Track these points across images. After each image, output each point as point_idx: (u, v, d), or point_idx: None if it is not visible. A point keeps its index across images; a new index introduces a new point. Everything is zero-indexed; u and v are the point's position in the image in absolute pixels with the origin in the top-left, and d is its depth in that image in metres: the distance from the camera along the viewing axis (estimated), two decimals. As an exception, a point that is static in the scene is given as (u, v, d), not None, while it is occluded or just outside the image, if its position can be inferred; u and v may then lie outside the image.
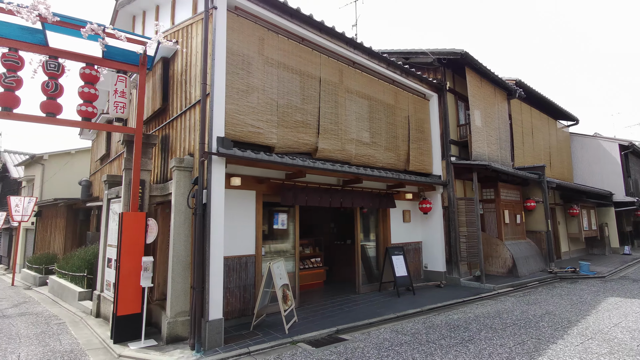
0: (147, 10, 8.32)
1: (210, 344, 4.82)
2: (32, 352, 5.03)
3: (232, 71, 5.67)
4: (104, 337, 5.65)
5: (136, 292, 5.49)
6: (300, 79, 6.86)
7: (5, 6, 4.59)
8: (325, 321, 6.03)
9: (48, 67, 5.33)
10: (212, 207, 5.06)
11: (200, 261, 4.98)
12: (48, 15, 4.73)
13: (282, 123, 6.40)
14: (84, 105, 5.59)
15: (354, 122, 7.83)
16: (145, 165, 6.08)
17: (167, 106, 6.88)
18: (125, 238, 5.50)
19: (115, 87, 5.88)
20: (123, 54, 5.87)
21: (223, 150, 5.16)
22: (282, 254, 7.14)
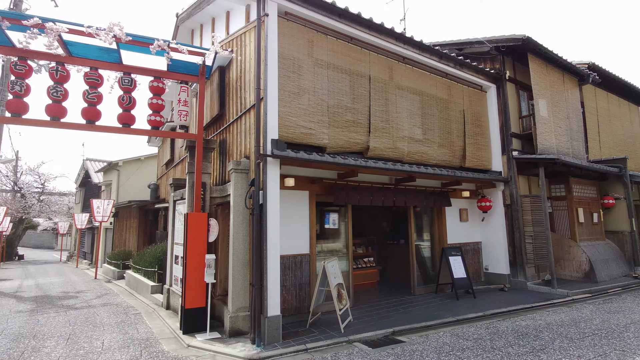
0: (203, 23, 8.87)
1: (269, 339, 5.00)
2: (114, 339, 5.61)
3: (283, 75, 5.83)
4: (174, 327, 6.13)
5: (201, 287, 5.87)
6: (350, 79, 6.84)
7: (86, 30, 5.17)
8: (380, 322, 5.95)
9: (123, 83, 5.91)
10: (268, 207, 5.25)
11: (258, 259, 5.19)
12: (122, 35, 5.25)
13: (333, 123, 6.44)
14: (153, 115, 6.11)
15: (405, 119, 7.63)
16: (205, 168, 6.48)
17: (224, 112, 7.28)
18: (190, 237, 5.92)
19: (178, 97, 6.36)
20: (185, 66, 6.33)
21: (277, 152, 5.32)
22: (334, 253, 7.18)
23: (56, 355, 4.91)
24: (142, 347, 5.17)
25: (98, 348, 5.17)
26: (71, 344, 5.39)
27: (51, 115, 5.49)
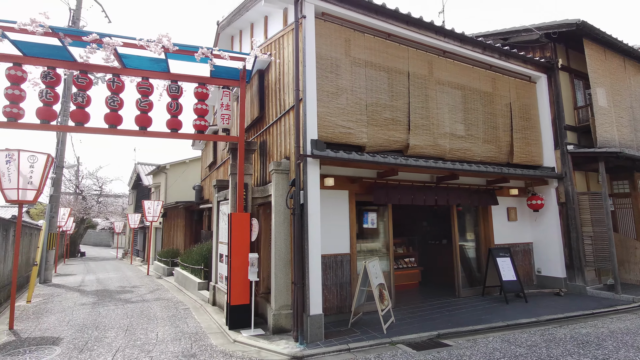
0: (243, 29, 9.15)
1: (312, 338, 5.05)
2: (167, 332, 5.95)
3: (321, 75, 5.86)
4: (221, 323, 6.38)
5: (245, 285, 6.06)
6: (388, 76, 6.73)
7: (138, 42, 5.53)
8: (424, 324, 5.80)
9: (171, 90, 6.26)
10: (309, 207, 5.30)
11: (300, 259, 5.26)
12: (170, 45, 5.57)
13: (372, 122, 6.37)
14: (198, 120, 6.42)
15: (446, 115, 7.36)
16: (247, 169, 6.69)
17: (264, 114, 7.46)
18: (234, 236, 6.13)
19: (221, 101, 6.62)
20: (226, 71, 6.57)
21: (317, 152, 5.36)
22: (374, 253, 7.10)
23: (116, 345, 5.30)
24: (192, 341, 5.44)
25: (153, 340, 5.52)
26: (129, 335, 5.80)
27: (109, 123, 5.94)
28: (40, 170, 6.65)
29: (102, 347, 5.20)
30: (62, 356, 4.87)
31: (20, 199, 6.49)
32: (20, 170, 6.40)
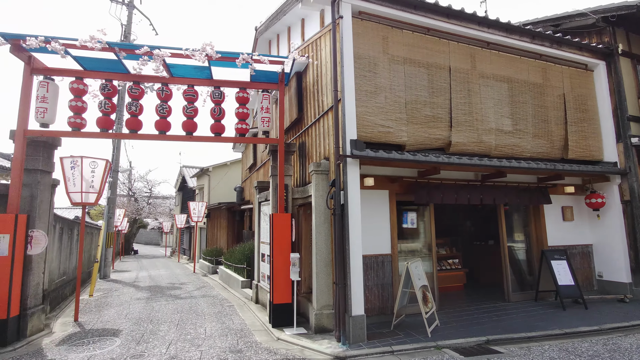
0: (280, 33, 9.33)
1: (354, 338, 5.03)
2: (214, 328, 6.21)
3: (359, 74, 5.82)
4: (264, 320, 6.55)
5: (287, 284, 6.17)
6: (428, 72, 6.54)
7: (184, 52, 5.83)
8: (471, 328, 5.56)
9: (214, 96, 6.53)
10: (349, 207, 5.28)
11: (341, 259, 5.26)
12: (213, 53, 5.81)
13: (411, 120, 6.22)
14: (239, 123, 6.64)
15: (491, 110, 7.01)
16: (287, 171, 6.80)
17: (302, 116, 7.55)
18: (275, 236, 6.27)
19: (261, 104, 6.80)
20: (265, 75, 6.73)
21: (356, 152, 5.34)
22: (415, 253, 6.93)
23: (169, 338, 5.62)
24: (238, 337, 5.64)
25: (202, 334, 5.79)
26: (180, 329, 6.13)
27: (159, 130, 6.32)
28: (100, 175, 7.22)
29: (156, 340, 5.54)
30: (121, 347, 5.25)
31: (84, 202, 7.09)
32: (83, 175, 6.98)
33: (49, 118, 5.90)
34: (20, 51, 5.69)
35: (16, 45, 5.54)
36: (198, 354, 4.91)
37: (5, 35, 5.40)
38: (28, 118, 5.80)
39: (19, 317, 5.55)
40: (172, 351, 5.03)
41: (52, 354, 5.01)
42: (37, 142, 5.97)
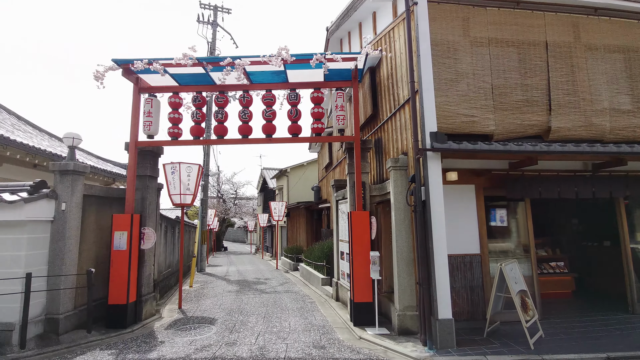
0: (351, 30, 9.28)
1: (442, 344, 4.72)
2: (298, 322, 6.42)
3: (438, 62, 5.45)
4: (345, 318, 6.56)
5: (367, 283, 6.08)
6: (518, 51, 5.82)
7: (262, 59, 6.14)
8: (585, 343, 4.79)
9: (290, 98, 6.76)
10: (432, 203, 4.97)
11: (424, 258, 4.98)
12: (288, 57, 6.01)
13: (500, 106, 5.61)
14: (315, 123, 6.76)
15: (603, 87, 5.95)
16: (364, 168, 6.71)
17: (377, 111, 7.38)
18: (354, 234, 6.22)
19: (335, 103, 6.82)
20: (339, 73, 6.74)
21: (437, 145, 5.00)
22: (508, 254, 6.22)
23: (257, 329, 5.98)
24: (320, 333, 5.73)
25: (286, 328, 6.02)
26: (267, 321, 6.47)
27: (242, 134, 6.77)
28: (195, 178, 8.03)
29: (246, 330, 5.93)
30: (217, 334, 5.74)
31: (182, 202, 7.96)
32: (181, 179, 7.84)
33: (154, 130, 6.76)
34: (130, 74, 6.61)
35: (126, 69, 6.45)
36: (284, 346, 5.11)
37: (117, 61, 6.32)
38: (138, 131, 6.71)
39: (136, 303, 6.45)
40: (261, 342, 5.32)
41: (162, 336, 5.70)
42: (145, 151, 6.87)
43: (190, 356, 4.77)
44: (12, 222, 5.13)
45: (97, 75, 6.03)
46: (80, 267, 5.90)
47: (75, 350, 5.06)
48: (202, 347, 5.14)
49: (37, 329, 5.28)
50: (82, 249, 5.99)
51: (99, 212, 6.44)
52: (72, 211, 5.74)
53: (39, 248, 5.43)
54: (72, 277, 5.70)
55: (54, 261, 5.56)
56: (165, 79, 6.75)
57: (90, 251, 6.23)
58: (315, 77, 6.85)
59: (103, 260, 6.38)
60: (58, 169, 5.73)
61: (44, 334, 5.34)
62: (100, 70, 6.05)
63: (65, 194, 5.69)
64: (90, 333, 5.65)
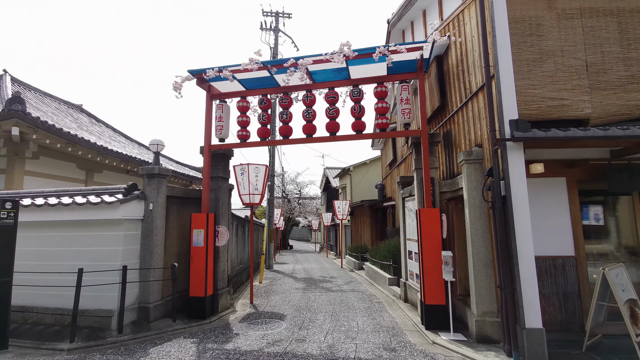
0: (414, 19, 8.85)
1: (530, 356, 4.21)
2: (366, 323, 6.29)
3: (517, 42, 4.89)
4: (415, 321, 6.26)
5: (439, 284, 5.72)
6: (618, 20, 4.99)
7: (324, 57, 6.12)
8: None
9: (353, 95, 6.66)
10: (514, 199, 4.48)
11: (505, 260, 4.51)
12: (350, 53, 5.91)
13: (597, 85, 4.85)
14: (379, 119, 6.56)
15: None
16: (432, 163, 6.33)
17: (445, 102, 6.92)
18: (424, 233, 5.90)
19: (400, 96, 6.54)
20: (403, 66, 6.44)
21: (519, 134, 4.49)
22: (609, 257, 5.35)
23: (326, 327, 5.98)
24: (390, 335, 5.54)
25: (355, 328, 5.93)
26: (334, 320, 6.45)
27: (306, 133, 6.84)
28: (262, 179, 8.35)
29: (315, 328, 5.97)
30: (287, 330, 5.87)
31: (251, 202, 8.33)
32: (250, 179, 8.21)
33: (224, 133, 7.17)
34: (202, 82, 7.08)
35: (199, 78, 6.92)
36: (353, 346, 5.03)
37: (192, 71, 6.81)
38: (211, 135, 7.17)
39: (213, 296, 6.89)
40: (330, 340, 5.31)
41: (237, 328, 6.00)
42: (217, 154, 7.32)
43: (262, 350, 4.94)
44: (111, 220, 5.82)
45: (176, 86, 6.56)
46: (165, 262, 6.48)
47: (163, 337, 5.56)
48: (273, 341, 5.29)
49: (132, 316, 5.92)
50: (166, 245, 6.57)
51: (179, 212, 7.01)
52: (158, 210, 6.33)
53: (132, 244, 6.08)
54: (159, 270, 6.29)
55: (144, 255, 6.18)
56: (234, 84, 7.11)
57: (172, 247, 6.81)
58: (378, 71, 6.66)
59: (183, 256, 6.93)
60: (146, 173, 6.36)
61: (136, 320, 5.97)
62: (178, 81, 6.58)
63: (152, 195, 6.30)
64: (175, 322, 6.18)
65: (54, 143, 9.24)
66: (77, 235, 5.95)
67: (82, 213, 5.85)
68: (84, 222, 5.91)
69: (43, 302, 5.83)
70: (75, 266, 5.75)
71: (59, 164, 10.71)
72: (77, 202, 5.75)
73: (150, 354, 4.80)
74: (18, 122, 8.03)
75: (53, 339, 5.26)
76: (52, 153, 10.20)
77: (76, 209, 5.85)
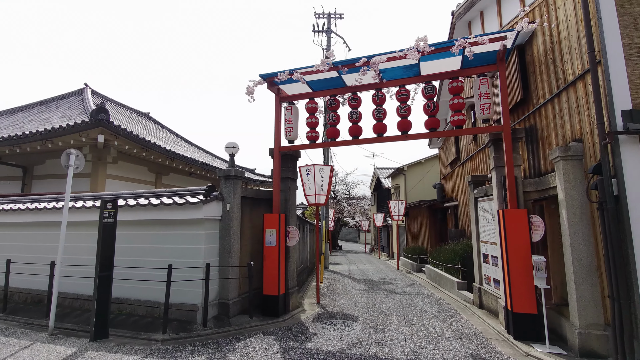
0: (484, 8, 8.35)
1: (655, 376, 3.74)
2: (444, 328, 6.01)
3: (627, 23, 4.38)
4: (498, 329, 5.86)
5: (528, 291, 5.31)
6: None
7: (397, 54, 5.95)
8: None
9: (426, 91, 6.42)
10: (629, 199, 4.01)
11: (620, 266, 4.04)
12: (425, 48, 5.69)
13: None
14: (455, 115, 6.25)
15: None
16: (516, 161, 5.90)
17: (528, 95, 6.43)
18: (509, 236, 5.50)
19: (479, 90, 6.17)
20: (479, 58, 6.08)
21: (634, 126, 4.00)
22: None
23: (402, 331, 5.81)
24: (475, 343, 5.23)
25: (434, 333, 5.69)
26: (409, 324, 6.25)
27: (377, 132, 6.71)
28: (327, 179, 8.37)
29: (391, 331, 5.82)
30: (363, 332, 5.79)
31: (317, 202, 8.38)
32: (315, 180, 8.26)
33: (294, 135, 7.27)
34: (272, 86, 7.25)
35: (270, 81, 7.10)
36: (438, 353, 4.81)
37: (263, 75, 7.00)
38: (280, 137, 7.32)
39: (285, 295, 7.02)
40: (411, 345, 5.14)
41: (312, 328, 6.04)
42: (286, 155, 7.45)
43: (344, 351, 4.90)
44: (194, 220, 6.15)
45: (249, 90, 6.78)
46: (240, 260, 6.72)
47: (243, 332, 5.75)
48: (353, 343, 5.23)
49: (213, 311, 6.20)
50: (240, 244, 6.81)
51: (251, 212, 7.24)
52: (234, 211, 6.58)
53: (212, 242, 6.38)
54: (236, 268, 6.53)
55: (223, 254, 6.45)
56: (300, 87, 7.19)
57: (246, 246, 7.04)
58: (451, 65, 6.35)
59: (255, 255, 7.14)
60: (223, 175, 6.64)
61: (217, 315, 6.24)
62: (251, 85, 6.79)
63: (229, 195, 6.56)
64: (252, 319, 6.37)
65: (131, 148, 10.04)
66: (162, 233, 6.37)
67: (168, 213, 6.24)
68: (170, 221, 6.31)
69: (134, 294, 6.32)
70: (160, 262, 6.16)
71: (133, 168, 11.65)
72: (164, 203, 6.15)
73: (237, 348, 4.98)
74: (103, 130, 8.84)
75: (147, 330, 5.67)
76: (128, 158, 11.12)
77: (163, 209, 6.26)
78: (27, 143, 9.37)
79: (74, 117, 10.44)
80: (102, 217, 5.47)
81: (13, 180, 11.07)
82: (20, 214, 7.67)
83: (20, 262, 7.30)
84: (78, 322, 6.17)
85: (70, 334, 5.67)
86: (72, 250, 6.84)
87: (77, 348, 4.97)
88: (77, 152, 6.08)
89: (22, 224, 7.75)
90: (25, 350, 4.89)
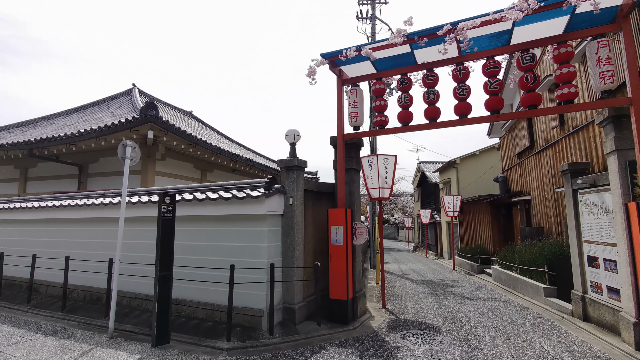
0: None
1: None
2: (552, 346, 4.98)
3: None
4: (623, 348, 4.75)
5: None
6: None
7: (492, 17, 4.97)
8: None
9: (524, 61, 5.38)
10: None
11: None
12: (533, 4, 4.66)
13: None
14: (563, 88, 5.16)
15: None
16: None
17: (656, 61, 5.18)
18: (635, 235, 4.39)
19: (597, 55, 5.03)
20: (589, 18, 4.94)
21: None
22: None
23: (504, 349, 4.84)
24: (607, 369, 4.19)
25: (546, 354, 4.67)
26: (506, 339, 5.27)
27: (459, 114, 5.76)
28: (392, 170, 7.51)
29: (489, 348, 4.88)
30: (454, 347, 4.90)
31: (380, 197, 7.55)
32: (379, 171, 7.43)
33: (359, 121, 6.49)
34: (334, 67, 6.51)
35: (332, 61, 6.35)
36: (566, 381, 3.84)
37: (325, 55, 6.27)
38: (343, 123, 6.56)
39: (353, 300, 6.27)
40: (524, 368, 4.20)
41: (392, 340, 5.23)
42: (349, 144, 6.69)
43: (443, 373, 4.06)
44: (256, 215, 5.55)
45: (311, 71, 6.08)
46: (304, 260, 6.05)
47: (313, 343, 5.07)
48: (449, 362, 4.38)
49: (278, 317, 5.58)
50: (304, 242, 6.15)
51: (313, 207, 6.56)
52: (297, 205, 5.92)
53: (275, 240, 5.75)
54: (301, 269, 5.87)
55: (286, 253, 5.81)
56: (364, 67, 6.40)
57: (309, 244, 6.37)
58: (551, 30, 5.27)
59: (319, 254, 6.46)
60: (284, 166, 6.00)
61: (282, 322, 5.62)
62: (312, 66, 6.09)
63: (292, 188, 5.91)
64: (320, 326, 5.69)
65: (179, 144, 9.75)
66: (220, 230, 5.84)
67: (226, 208, 5.70)
68: (228, 217, 5.77)
69: (193, 295, 5.84)
70: (219, 262, 5.64)
71: (180, 164, 11.46)
72: (223, 197, 5.61)
73: (314, 364, 4.30)
74: (152, 126, 8.56)
75: (209, 336, 5.15)
76: (175, 155, 10.92)
77: (221, 203, 5.72)
78: (82, 141, 9.35)
79: (124, 115, 10.37)
80: (161, 212, 5.00)
81: (70, 179, 11.23)
82: (77, 210, 7.51)
83: (78, 258, 7.12)
84: (137, 323, 5.81)
85: (130, 337, 5.29)
86: (127, 247, 6.52)
87: (140, 355, 4.53)
88: (133, 144, 5.68)
89: (79, 220, 7.60)
90: (85, 356, 4.51)
